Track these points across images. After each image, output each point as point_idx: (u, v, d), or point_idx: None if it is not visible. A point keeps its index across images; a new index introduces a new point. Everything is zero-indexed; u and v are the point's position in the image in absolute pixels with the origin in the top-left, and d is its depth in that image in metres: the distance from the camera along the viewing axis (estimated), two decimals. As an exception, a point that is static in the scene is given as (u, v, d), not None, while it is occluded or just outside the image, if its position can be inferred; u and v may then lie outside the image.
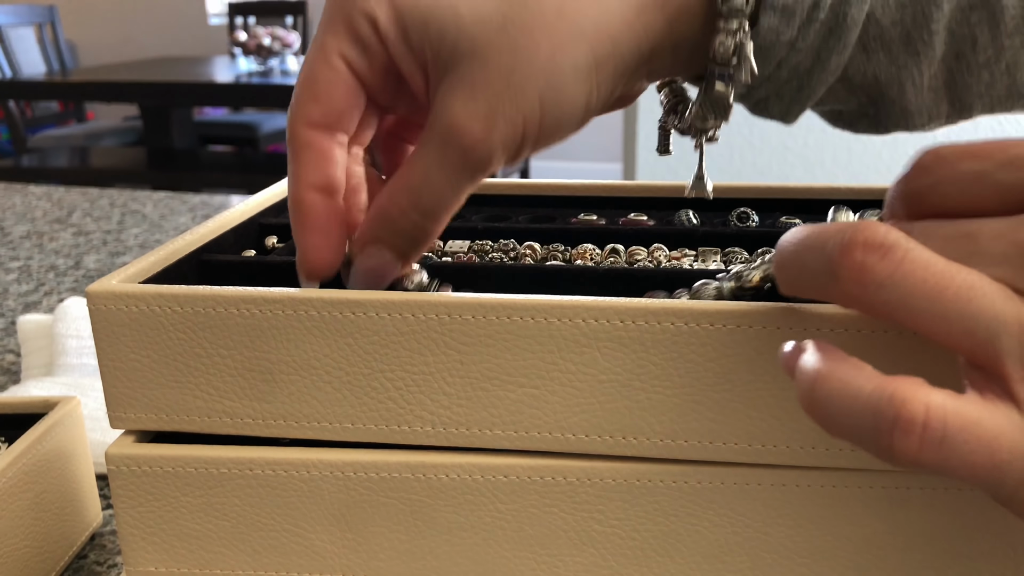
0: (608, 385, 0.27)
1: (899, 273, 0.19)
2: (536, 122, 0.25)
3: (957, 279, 0.19)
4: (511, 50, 0.25)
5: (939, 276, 0.19)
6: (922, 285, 0.19)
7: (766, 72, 0.29)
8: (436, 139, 0.26)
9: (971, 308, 0.19)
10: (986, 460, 0.18)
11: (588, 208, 0.42)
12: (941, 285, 0.19)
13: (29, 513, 0.35)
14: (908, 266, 0.19)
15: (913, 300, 0.19)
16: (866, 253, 0.19)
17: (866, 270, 0.19)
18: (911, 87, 0.29)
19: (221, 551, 0.30)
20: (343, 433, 0.29)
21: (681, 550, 0.28)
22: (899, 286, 0.19)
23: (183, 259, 0.34)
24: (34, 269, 0.80)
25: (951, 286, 0.19)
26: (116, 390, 0.29)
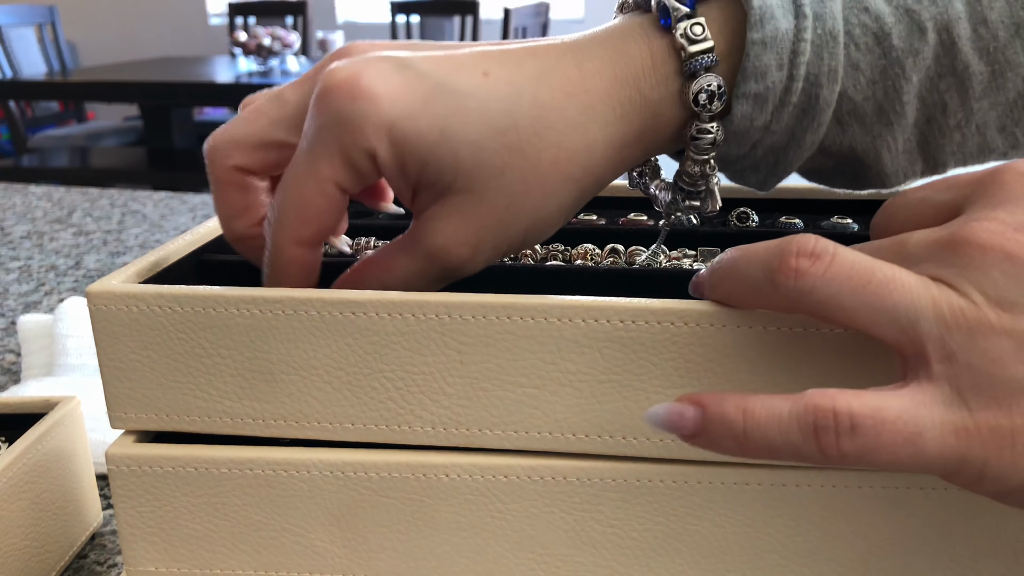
0: (608, 385, 0.27)
1: (828, 273, 0.21)
2: (518, 245, 0.28)
3: (878, 273, 0.21)
4: (507, 194, 0.27)
5: (862, 272, 0.21)
6: (847, 282, 0.21)
7: (741, 152, 0.29)
8: (421, 254, 0.28)
9: (892, 298, 0.21)
10: (907, 443, 0.20)
11: (588, 208, 0.42)
12: (864, 279, 0.21)
13: (29, 513, 0.35)
14: (835, 267, 0.21)
15: (842, 297, 0.21)
16: (799, 259, 0.22)
17: (800, 274, 0.21)
18: (886, 153, 0.30)
19: (221, 551, 0.30)
20: (343, 433, 0.29)
21: (681, 550, 0.28)
22: (829, 285, 0.21)
23: (183, 259, 0.34)
24: (34, 269, 0.80)
25: (872, 280, 0.21)
26: (116, 390, 0.29)
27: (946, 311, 0.20)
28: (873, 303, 0.21)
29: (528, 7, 2.25)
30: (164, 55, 3.52)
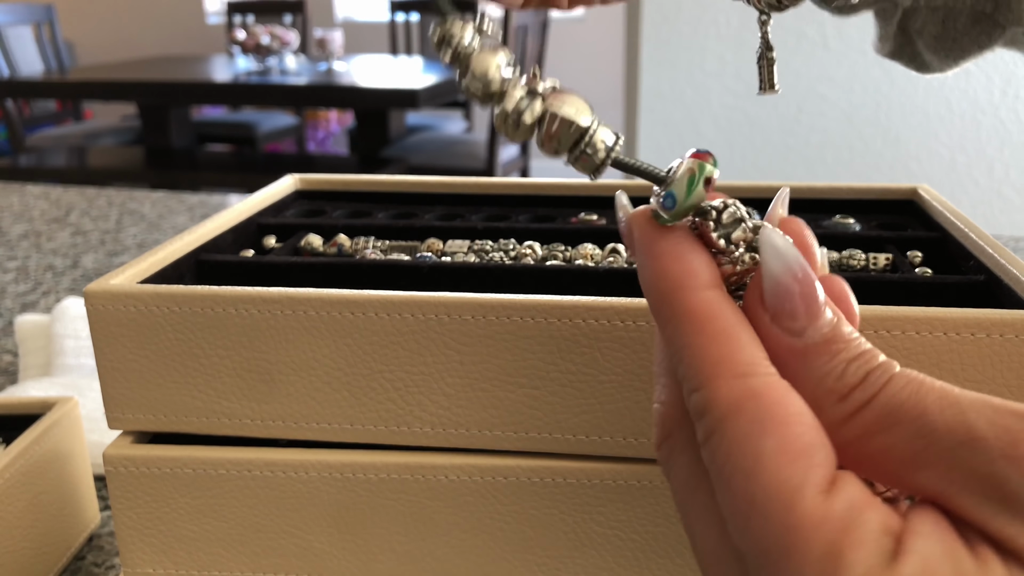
0: (608, 386, 0.27)
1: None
2: None
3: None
4: None
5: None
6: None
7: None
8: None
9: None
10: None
11: (588, 208, 0.42)
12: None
13: (27, 514, 0.35)
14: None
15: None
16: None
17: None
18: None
19: (219, 552, 0.30)
20: (342, 434, 0.28)
21: (681, 551, 0.28)
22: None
23: (181, 259, 0.33)
24: (32, 269, 0.79)
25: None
26: (114, 390, 0.29)
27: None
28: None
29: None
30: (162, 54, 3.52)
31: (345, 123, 3.49)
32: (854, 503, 0.16)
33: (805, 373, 0.17)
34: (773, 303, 0.18)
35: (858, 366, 0.17)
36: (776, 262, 0.18)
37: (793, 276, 0.18)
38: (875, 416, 0.16)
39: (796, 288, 0.18)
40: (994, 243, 0.31)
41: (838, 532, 0.15)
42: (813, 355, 0.17)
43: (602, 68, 3.25)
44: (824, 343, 0.17)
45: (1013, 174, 1.59)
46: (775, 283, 0.18)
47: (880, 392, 0.17)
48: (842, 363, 0.17)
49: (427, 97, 2.16)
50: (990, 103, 1.54)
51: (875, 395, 0.17)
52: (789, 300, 0.17)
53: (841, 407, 0.17)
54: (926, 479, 0.16)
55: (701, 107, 1.63)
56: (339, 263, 0.34)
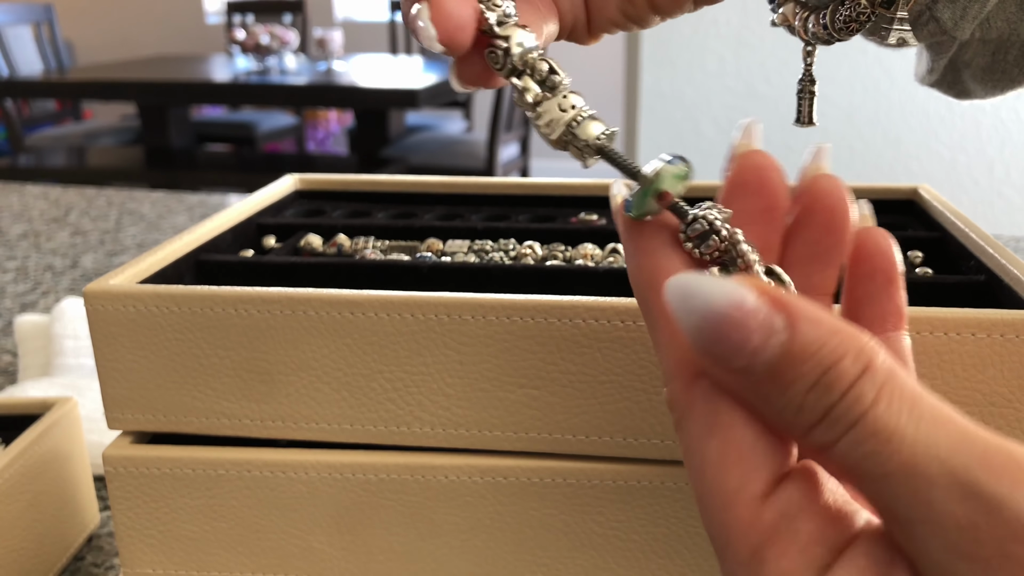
0: (608, 386, 0.27)
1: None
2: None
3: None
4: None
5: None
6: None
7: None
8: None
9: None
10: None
11: (588, 208, 0.41)
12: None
13: (26, 515, 0.35)
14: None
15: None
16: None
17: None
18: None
19: (219, 553, 0.30)
20: (342, 434, 0.28)
21: (682, 552, 0.28)
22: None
23: (181, 259, 0.33)
24: (31, 269, 0.79)
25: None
26: (113, 391, 0.29)
27: None
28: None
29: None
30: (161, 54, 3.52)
31: (345, 123, 3.49)
32: (788, 511, 0.16)
33: (767, 409, 0.16)
34: (700, 352, 0.16)
35: (817, 398, 0.15)
36: (684, 313, 0.16)
37: (712, 318, 0.15)
38: (837, 462, 0.15)
39: (718, 330, 0.15)
40: (995, 243, 0.31)
41: (764, 538, 0.16)
42: (765, 390, 0.15)
43: (602, 68, 3.25)
44: (771, 377, 0.15)
45: (1014, 174, 1.59)
46: (694, 334, 0.16)
47: (839, 442, 0.15)
48: (798, 396, 0.15)
49: (427, 97, 2.16)
50: (991, 103, 1.54)
51: (834, 443, 0.15)
52: (717, 345, 0.15)
53: (806, 440, 0.15)
54: (889, 526, 0.15)
55: (701, 107, 1.63)
56: (339, 263, 0.34)
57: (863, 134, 1.60)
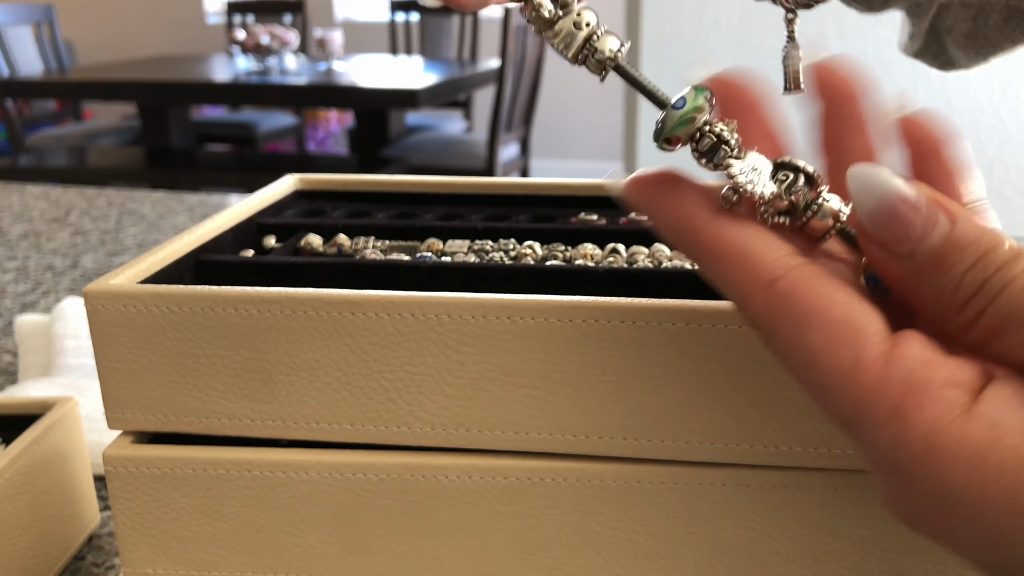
0: (608, 386, 0.27)
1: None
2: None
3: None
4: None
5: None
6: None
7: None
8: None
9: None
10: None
11: (588, 208, 0.42)
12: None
13: (26, 515, 0.35)
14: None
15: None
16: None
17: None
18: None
19: (219, 553, 0.30)
20: (342, 434, 0.28)
21: (682, 552, 0.28)
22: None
23: (181, 259, 0.33)
24: (31, 269, 0.79)
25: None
26: (114, 391, 0.29)
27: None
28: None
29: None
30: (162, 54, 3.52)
31: (345, 123, 3.49)
32: (914, 365, 0.17)
33: (924, 290, 0.18)
34: (875, 233, 0.18)
35: (973, 276, 0.17)
36: (864, 195, 0.18)
37: (885, 205, 0.18)
38: (992, 323, 0.17)
39: (890, 216, 0.18)
40: (995, 243, 0.31)
41: (899, 394, 0.17)
42: (927, 272, 0.17)
43: (602, 68, 3.25)
44: (935, 260, 0.17)
45: (1014, 174, 1.59)
46: (869, 216, 0.18)
47: (994, 301, 0.17)
48: (957, 275, 0.17)
49: (427, 97, 2.16)
50: (990, 103, 1.54)
51: (990, 303, 0.17)
52: (888, 228, 0.18)
53: (961, 317, 0.17)
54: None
55: (701, 107, 1.63)
56: (339, 263, 0.34)
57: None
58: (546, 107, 3.21)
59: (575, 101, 3.40)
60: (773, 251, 0.19)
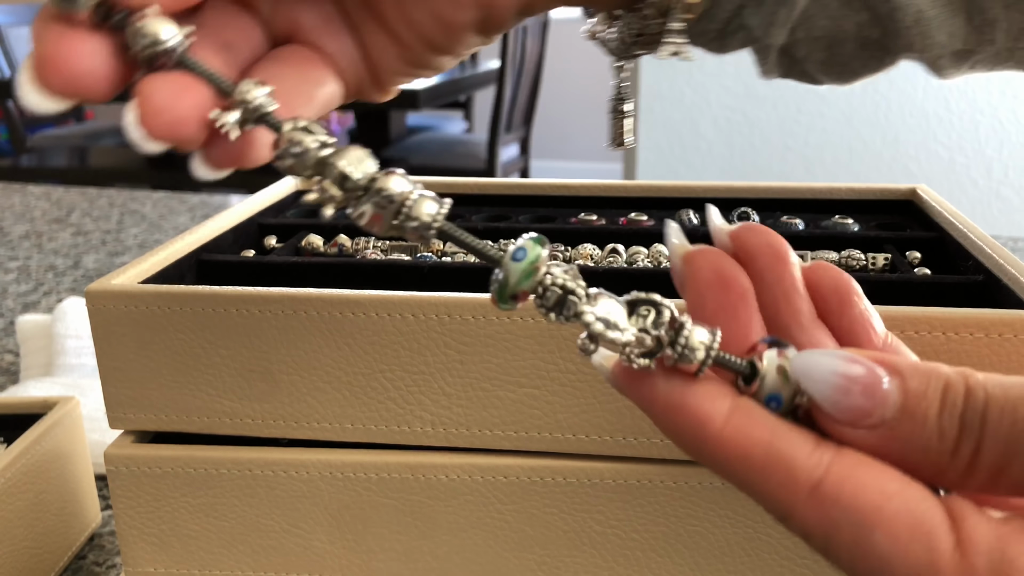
0: (608, 386, 0.27)
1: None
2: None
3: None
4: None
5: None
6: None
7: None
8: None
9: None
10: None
11: (588, 208, 0.42)
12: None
13: (28, 514, 0.35)
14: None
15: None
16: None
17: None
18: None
19: (220, 552, 0.30)
20: (342, 433, 0.28)
21: (681, 551, 0.28)
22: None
23: (182, 259, 0.34)
24: (33, 269, 0.79)
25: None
26: (115, 390, 0.29)
27: None
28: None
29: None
30: (162, 55, 3.51)
31: (345, 123, 3.49)
32: (992, 546, 0.16)
33: (911, 449, 0.17)
34: (839, 415, 0.17)
35: (950, 415, 0.16)
36: (814, 384, 0.17)
37: (837, 388, 0.17)
38: (991, 460, 0.16)
39: (845, 395, 0.17)
40: (992, 243, 0.32)
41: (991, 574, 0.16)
42: (904, 432, 0.16)
43: (602, 68, 3.25)
44: (906, 415, 0.16)
45: (1012, 174, 1.59)
46: (826, 401, 0.17)
47: (984, 436, 0.16)
48: (934, 422, 0.16)
49: (428, 98, 2.16)
50: (989, 103, 1.54)
51: (981, 440, 0.16)
52: (849, 408, 0.17)
53: (957, 462, 0.16)
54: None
55: (700, 107, 1.63)
56: (340, 263, 0.34)
57: (861, 134, 1.60)
58: (546, 107, 3.21)
59: (575, 101, 3.40)
60: (802, 445, 0.17)
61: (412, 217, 0.18)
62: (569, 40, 3.30)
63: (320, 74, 0.23)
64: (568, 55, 3.30)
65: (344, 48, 0.24)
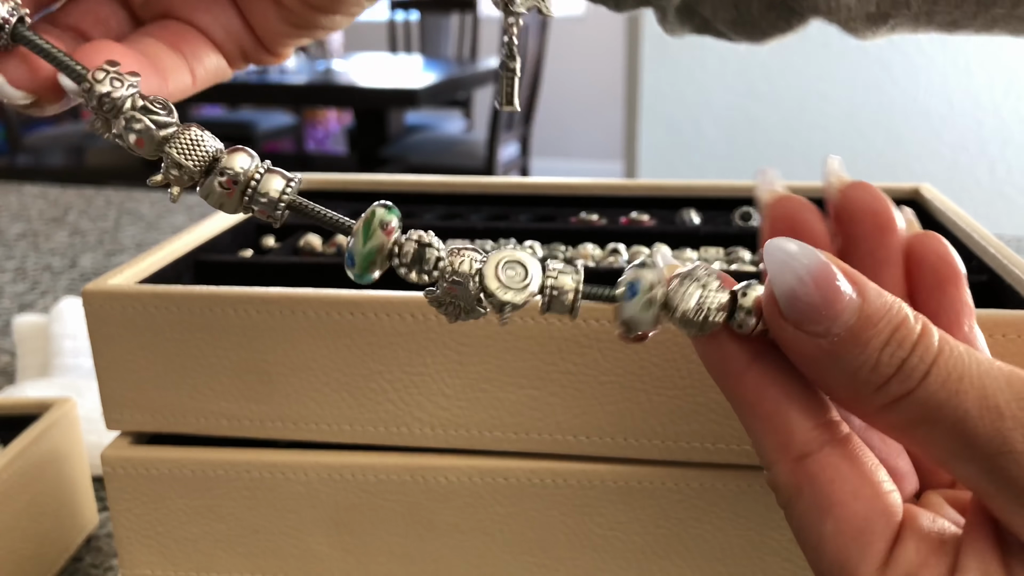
0: (609, 387, 0.27)
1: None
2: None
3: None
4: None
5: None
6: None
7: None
8: None
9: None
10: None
11: (588, 208, 0.41)
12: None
13: (24, 516, 0.35)
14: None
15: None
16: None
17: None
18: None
19: (217, 554, 0.30)
20: (341, 435, 0.28)
21: (682, 553, 0.28)
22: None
23: (179, 259, 0.33)
24: (29, 269, 0.79)
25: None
26: (112, 391, 0.29)
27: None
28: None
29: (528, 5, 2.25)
30: (161, 53, 3.50)
31: (344, 122, 3.49)
32: (909, 572, 0.17)
33: (840, 370, 0.17)
34: (789, 312, 0.17)
35: (891, 352, 0.16)
36: (780, 273, 0.17)
37: (798, 282, 0.17)
38: (913, 411, 0.16)
39: (804, 293, 0.17)
40: (996, 243, 0.31)
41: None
42: (843, 351, 0.17)
43: (602, 68, 3.25)
44: (851, 336, 0.16)
45: (1015, 174, 1.58)
46: (783, 294, 0.17)
47: (917, 388, 0.16)
48: (874, 352, 0.16)
49: (426, 96, 2.16)
50: (992, 102, 1.54)
51: (912, 391, 0.16)
52: (802, 306, 0.17)
53: (879, 396, 0.17)
54: (966, 475, 0.17)
55: (702, 106, 1.63)
56: (338, 263, 0.34)
57: (864, 134, 1.60)
58: (546, 107, 3.21)
59: (575, 100, 3.40)
60: (809, 419, 0.18)
61: (260, 193, 0.18)
62: (569, 39, 3.30)
63: (194, 48, 0.23)
64: (568, 54, 3.30)
65: (219, 19, 0.24)
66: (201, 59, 0.23)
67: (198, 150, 0.18)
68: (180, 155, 0.18)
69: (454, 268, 0.18)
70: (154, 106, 0.18)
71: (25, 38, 0.19)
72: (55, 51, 0.19)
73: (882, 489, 0.17)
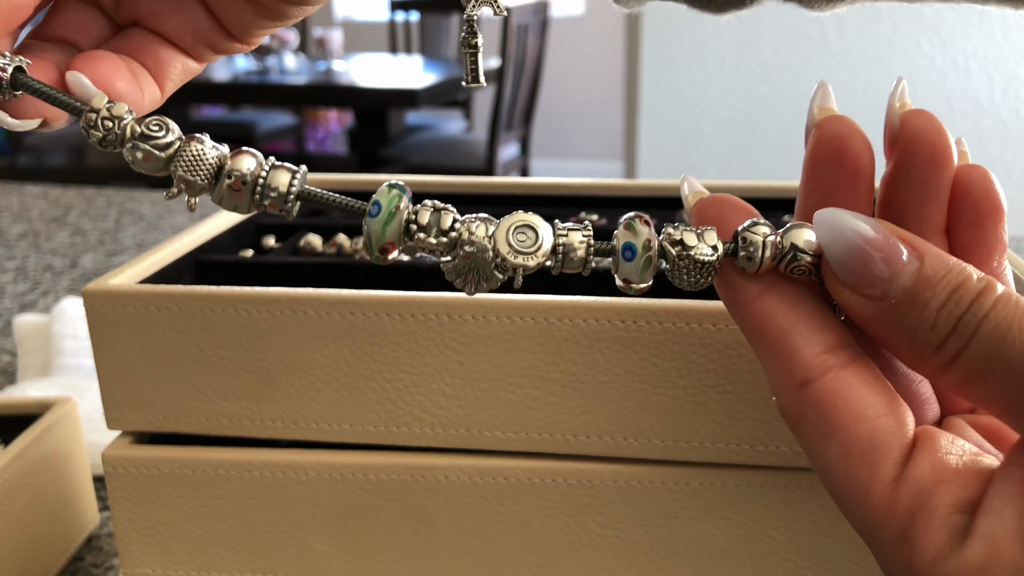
0: (608, 386, 0.27)
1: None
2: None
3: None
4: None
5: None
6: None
7: None
8: None
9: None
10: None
11: (588, 207, 0.41)
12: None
13: (25, 515, 0.35)
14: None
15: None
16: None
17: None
18: None
19: (218, 553, 0.30)
20: (341, 435, 0.28)
21: (682, 552, 0.28)
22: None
23: (180, 259, 0.33)
24: (31, 269, 0.79)
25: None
26: (113, 391, 0.29)
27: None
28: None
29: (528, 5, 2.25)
30: (161, 54, 3.50)
31: (345, 123, 3.49)
32: (922, 488, 0.17)
33: (899, 331, 0.17)
34: (845, 277, 0.17)
35: (948, 312, 0.17)
36: (832, 241, 0.18)
37: (853, 249, 0.17)
38: (969, 366, 0.17)
39: (859, 259, 0.17)
40: (995, 243, 0.31)
41: (907, 520, 0.17)
42: (901, 313, 0.17)
43: (602, 68, 3.25)
44: (909, 298, 0.17)
45: (1014, 174, 1.59)
46: (838, 261, 0.17)
47: (970, 342, 0.16)
48: (932, 313, 0.17)
49: (427, 96, 2.16)
50: (991, 103, 1.54)
51: (966, 345, 0.17)
52: (858, 272, 0.17)
53: (939, 356, 0.17)
54: (1019, 425, 0.17)
55: (701, 107, 1.63)
56: (339, 263, 0.34)
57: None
58: (546, 107, 3.21)
59: (575, 101, 3.40)
60: (814, 345, 0.18)
61: (270, 189, 0.19)
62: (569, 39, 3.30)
63: (159, 61, 0.23)
64: (568, 54, 3.30)
65: (187, 23, 0.24)
66: (167, 72, 0.24)
67: (202, 166, 0.19)
68: (186, 173, 0.19)
69: (470, 232, 0.18)
70: (150, 129, 0.19)
71: (26, 85, 0.19)
72: (54, 92, 0.20)
73: (886, 409, 0.17)
